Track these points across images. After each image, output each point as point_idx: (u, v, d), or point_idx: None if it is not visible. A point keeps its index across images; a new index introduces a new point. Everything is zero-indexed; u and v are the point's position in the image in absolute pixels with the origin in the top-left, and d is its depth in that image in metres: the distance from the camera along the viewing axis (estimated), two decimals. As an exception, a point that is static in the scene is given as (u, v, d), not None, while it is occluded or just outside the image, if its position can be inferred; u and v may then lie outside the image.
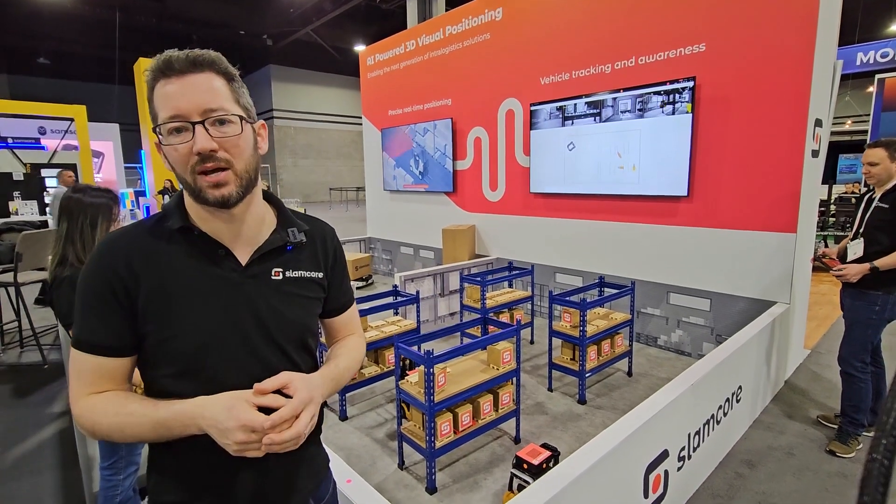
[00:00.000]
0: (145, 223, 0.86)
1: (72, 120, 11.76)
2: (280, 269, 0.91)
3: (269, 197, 0.97)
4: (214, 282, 0.84)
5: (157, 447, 0.88)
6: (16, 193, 8.09)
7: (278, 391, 0.80)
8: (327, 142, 26.22)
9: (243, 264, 0.87)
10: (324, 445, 1.08)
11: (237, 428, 0.74)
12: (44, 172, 10.70)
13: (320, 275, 0.98)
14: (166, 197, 10.86)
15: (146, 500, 0.92)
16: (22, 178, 8.42)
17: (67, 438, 2.99)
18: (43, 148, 11.33)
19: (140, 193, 14.36)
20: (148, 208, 12.32)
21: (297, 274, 0.93)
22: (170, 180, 11.70)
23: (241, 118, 0.83)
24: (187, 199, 0.86)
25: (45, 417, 3.29)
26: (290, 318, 0.91)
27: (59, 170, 9.57)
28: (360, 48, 7.73)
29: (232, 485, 0.87)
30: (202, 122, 0.77)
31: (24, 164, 10.73)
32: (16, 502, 2.43)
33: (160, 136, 0.79)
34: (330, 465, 1.10)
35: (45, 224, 7.19)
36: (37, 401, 3.55)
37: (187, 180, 0.80)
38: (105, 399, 0.81)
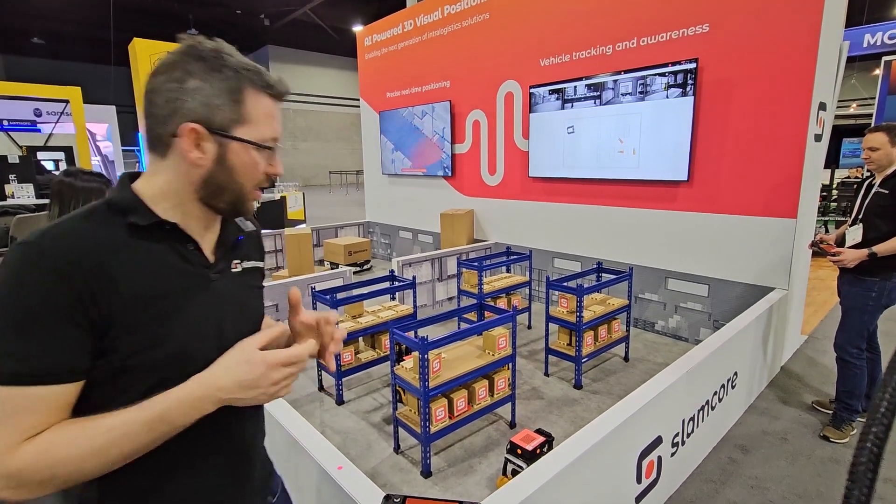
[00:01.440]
0: (93, 218, 0.73)
1: (67, 101, 11.64)
2: (238, 262, 0.89)
3: None
4: (190, 279, 0.79)
5: (106, 481, 0.73)
6: (11, 176, 8.03)
7: None
8: (327, 124, 25.98)
9: (210, 259, 0.83)
10: (315, 429, 1.08)
11: (270, 368, 0.75)
12: (40, 155, 10.62)
13: (262, 263, 0.99)
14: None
15: None
16: (18, 161, 8.35)
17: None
18: (38, 130, 11.23)
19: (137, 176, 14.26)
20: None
21: (250, 265, 0.92)
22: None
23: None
24: (151, 193, 0.77)
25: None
26: (253, 310, 0.91)
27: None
28: (358, 28, 7.59)
29: (192, 492, 0.83)
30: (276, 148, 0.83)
31: (20, 147, 10.65)
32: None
33: (246, 146, 0.78)
34: (313, 449, 1.13)
35: (40, 208, 7.16)
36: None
37: (245, 192, 0.81)
38: (61, 430, 0.65)
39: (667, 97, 3.90)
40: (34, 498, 0.64)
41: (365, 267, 6.82)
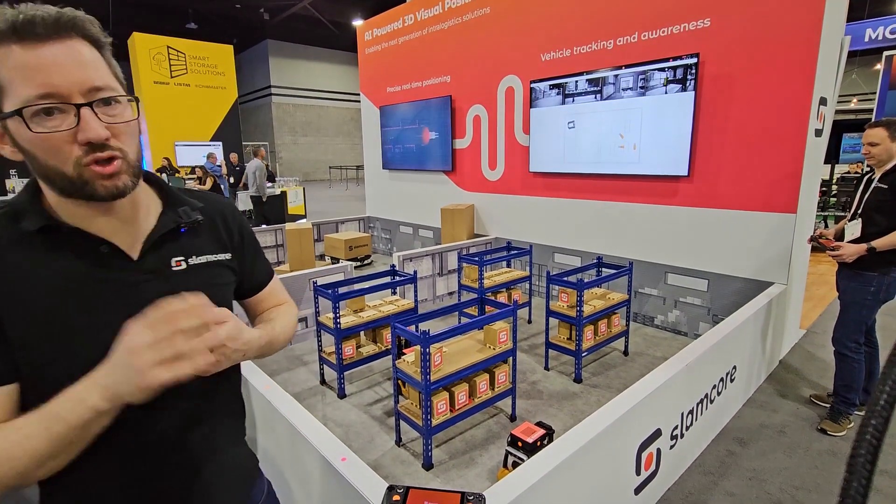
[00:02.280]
0: None
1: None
2: (181, 259, 0.77)
3: (148, 178, 0.81)
4: (102, 286, 0.70)
5: (49, 488, 0.72)
6: (12, 171, 8.04)
7: None
8: (327, 119, 25.92)
9: (135, 258, 0.73)
10: (319, 421, 1.03)
11: (144, 328, 0.60)
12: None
13: (227, 256, 0.85)
14: (165, 176, 10.78)
15: None
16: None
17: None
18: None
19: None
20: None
21: (202, 260, 0.80)
22: (167, 158, 11.61)
23: (130, 99, 0.70)
24: (48, 194, 0.69)
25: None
26: None
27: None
28: (358, 23, 7.57)
29: (132, 498, 0.76)
30: (89, 105, 0.63)
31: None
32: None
33: (20, 121, 0.61)
34: (317, 440, 1.03)
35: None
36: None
37: (67, 174, 0.64)
38: None
39: (667, 92, 3.90)
40: None
41: (365, 262, 6.83)
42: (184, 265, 0.78)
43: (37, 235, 0.67)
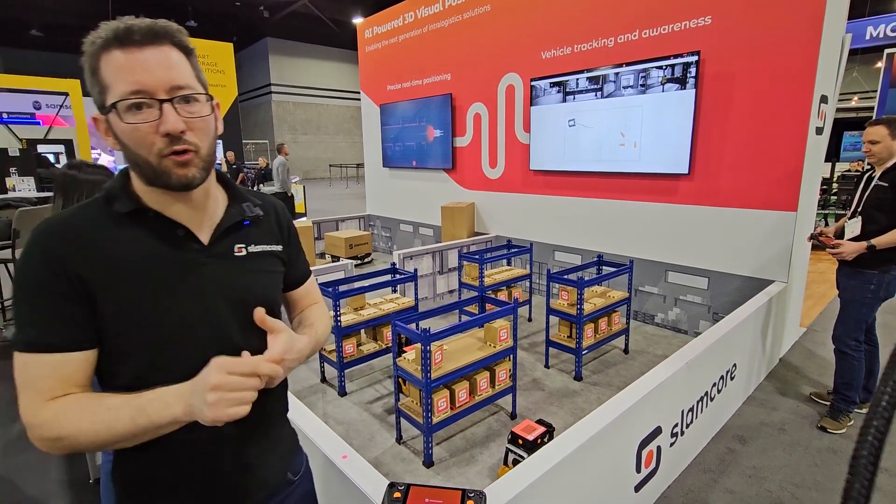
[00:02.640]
0: (88, 208, 0.79)
1: (66, 94, 11.60)
2: (242, 245, 0.88)
3: (219, 176, 0.92)
4: (177, 265, 0.80)
5: (121, 455, 0.84)
6: (12, 169, 8.01)
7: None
8: (327, 117, 25.90)
9: (205, 243, 0.83)
10: (319, 420, 1.08)
11: (215, 371, 0.69)
12: (40, 148, 10.59)
13: (279, 248, 0.96)
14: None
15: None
16: (18, 154, 8.33)
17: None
18: (38, 123, 11.20)
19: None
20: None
21: (259, 248, 0.91)
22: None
23: (208, 97, 0.79)
24: (137, 182, 0.80)
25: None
26: (259, 294, 0.88)
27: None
28: (358, 20, 7.55)
29: (207, 477, 0.86)
30: (170, 101, 0.73)
31: (20, 140, 10.63)
32: (24, 472, 2.48)
33: (116, 114, 0.72)
34: (318, 438, 1.11)
35: (42, 201, 7.16)
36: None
37: (149, 162, 0.74)
38: (76, 400, 0.72)
39: (668, 90, 3.90)
40: (55, 454, 0.71)
41: (366, 260, 6.82)
42: (244, 252, 0.88)
43: (126, 217, 0.78)
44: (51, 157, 10.81)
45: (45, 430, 0.70)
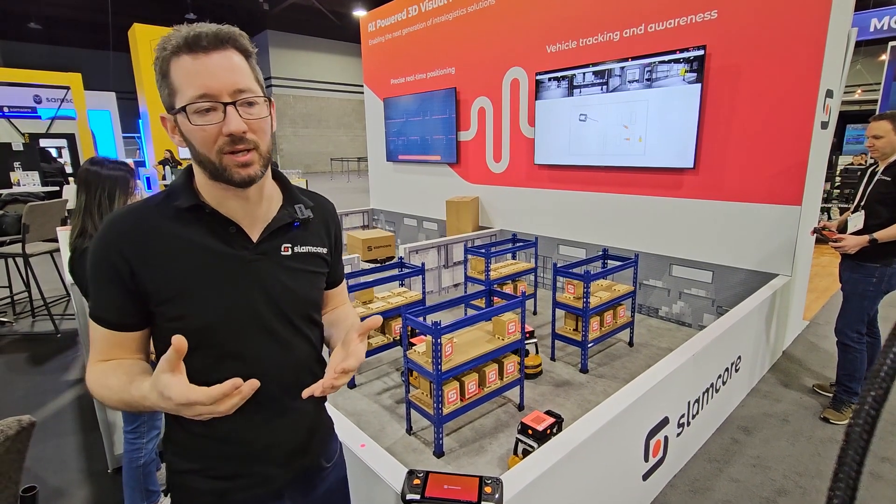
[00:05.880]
0: (152, 201, 0.86)
1: (68, 88, 11.58)
2: (289, 245, 0.92)
3: (275, 174, 0.97)
4: (225, 260, 0.85)
5: (171, 420, 0.91)
6: (16, 164, 8.03)
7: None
8: (328, 111, 25.80)
9: (254, 241, 0.88)
10: (333, 410, 1.12)
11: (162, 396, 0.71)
12: (42, 143, 10.59)
13: (325, 250, 0.99)
14: (166, 167, 10.78)
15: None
16: (21, 149, 8.34)
17: (86, 404, 3.09)
18: (39, 117, 11.19)
19: (139, 164, 14.22)
20: (148, 179, 12.34)
21: (304, 249, 0.95)
22: (170, 150, 11.61)
23: (266, 99, 0.83)
24: (200, 178, 0.85)
25: (62, 384, 3.38)
26: (299, 292, 0.93)
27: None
28: (359, 13, 7.52)
29: (247, 452, 0.91)
30: (233, 104, 0.78)
31: (23, 135, 10.63)
32: (42, 463, 2.54)
33: (185, 115, 0.77)
34: (336, 427, 1.16)
35: (48, 196, 7.18)
36: (52, 368, 3.64)
37: (212, 160, 0.79)
38: (104, 369, 0.83)
39: (674, 84, 3.91)
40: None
41: (387, 265, 6.41)
42: (290, 252, 0.93)
43: (185, 212, 0.84)
44: (53, 152, 10.82)
45: (89, 381, 0.84)
